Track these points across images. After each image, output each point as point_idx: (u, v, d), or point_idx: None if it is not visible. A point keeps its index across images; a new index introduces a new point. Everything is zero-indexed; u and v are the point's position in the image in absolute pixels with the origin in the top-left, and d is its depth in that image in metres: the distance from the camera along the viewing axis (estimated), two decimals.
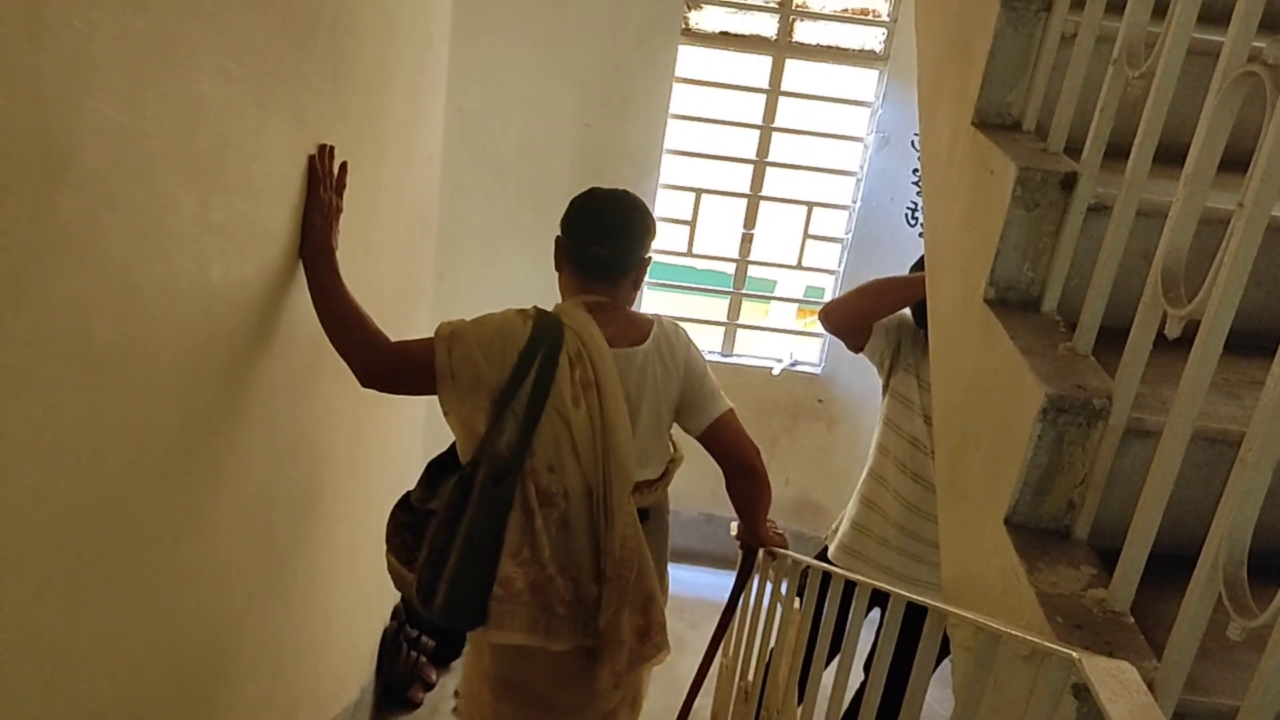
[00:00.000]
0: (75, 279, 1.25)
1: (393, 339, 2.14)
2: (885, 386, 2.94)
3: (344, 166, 2.16)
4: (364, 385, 2.16)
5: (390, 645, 3.71)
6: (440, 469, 2.23)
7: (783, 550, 2.50)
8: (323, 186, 2.07)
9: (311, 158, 2.03)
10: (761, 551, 2.56)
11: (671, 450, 2.34)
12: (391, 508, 2.27)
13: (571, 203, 2.28)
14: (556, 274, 2.33)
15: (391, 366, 2.13)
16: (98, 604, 1.46)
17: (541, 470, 2.09)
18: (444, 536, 2.08)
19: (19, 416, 1.19)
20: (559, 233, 2.29)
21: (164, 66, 1.38)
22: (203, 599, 1.88)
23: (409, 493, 2.26)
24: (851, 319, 2.90)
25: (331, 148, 2.12)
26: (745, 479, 2.33)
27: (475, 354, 2.08)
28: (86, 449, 1.35)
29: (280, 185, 1.91)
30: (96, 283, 1.30)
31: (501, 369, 2.08)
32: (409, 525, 2.20)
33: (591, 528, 2.13)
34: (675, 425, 2.33)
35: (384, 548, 2.26)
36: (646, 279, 2.39)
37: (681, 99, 4.67)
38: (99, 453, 1.38)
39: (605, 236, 2.22)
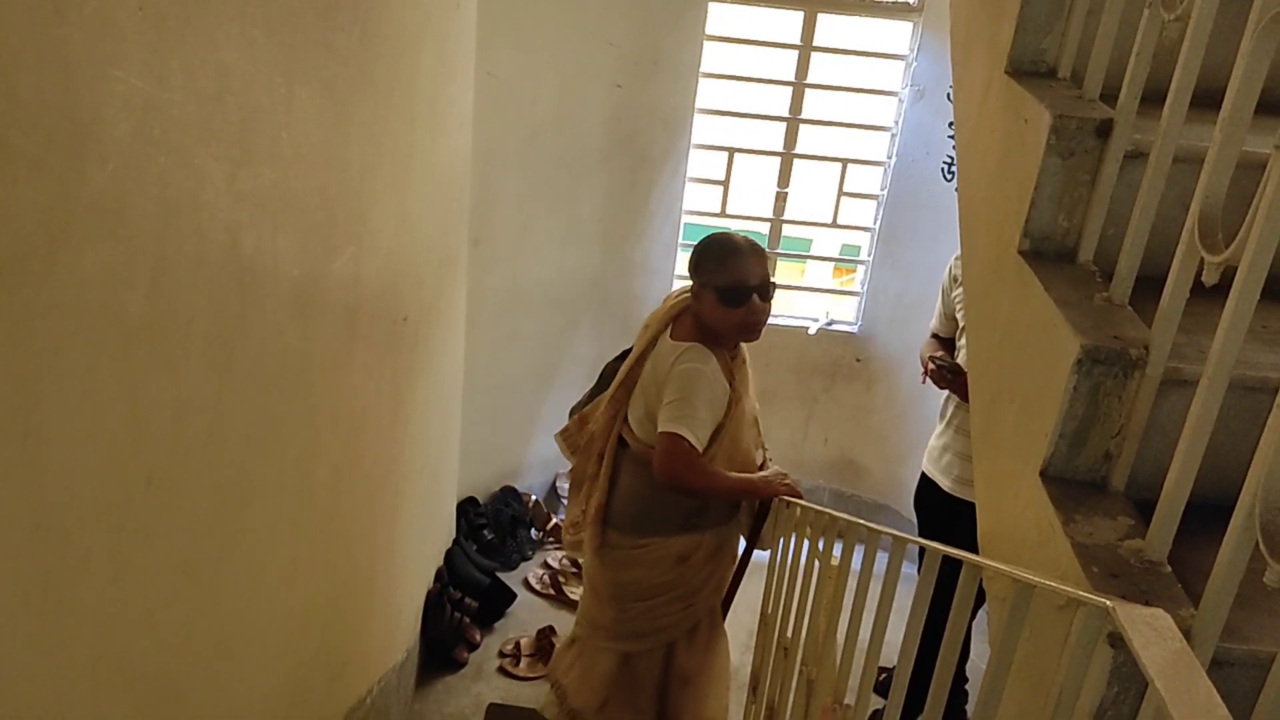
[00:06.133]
0: (106, 251, 1.26)
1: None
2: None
3: None
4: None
5: (434, 607, 3.76)
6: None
7: (795, 500, 2.72)
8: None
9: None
10: (775, 500, 2.84)
11: (641, 435, 2.84)
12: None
13: None
14: None
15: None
16: (142, 573, 1.49)
17: None
18: (583, 401, 3.19)
19: (54, 389, 1.20)
20: None
21: (188, 35, 1.38)
22: (246, 565, 1.91)
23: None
24: None
25: None
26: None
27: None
28: (124, 419, 1.37)
29: (310, 154, 1.91)
30: (128, 255, 1.31)
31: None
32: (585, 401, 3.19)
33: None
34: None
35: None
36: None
37: (712, 57, 4.62)
38: (137, 423, 1.40)
39: None
